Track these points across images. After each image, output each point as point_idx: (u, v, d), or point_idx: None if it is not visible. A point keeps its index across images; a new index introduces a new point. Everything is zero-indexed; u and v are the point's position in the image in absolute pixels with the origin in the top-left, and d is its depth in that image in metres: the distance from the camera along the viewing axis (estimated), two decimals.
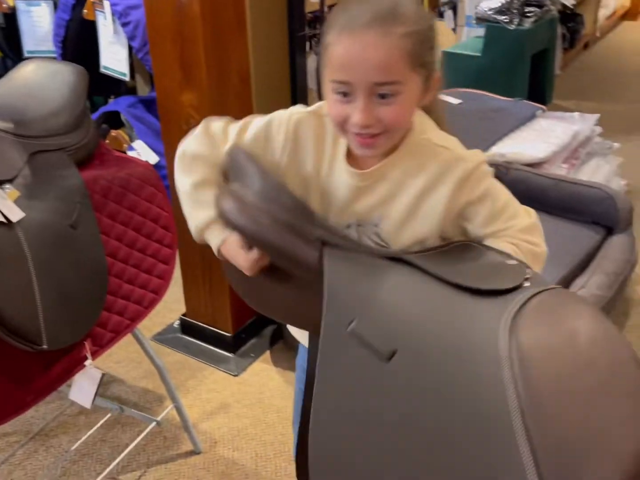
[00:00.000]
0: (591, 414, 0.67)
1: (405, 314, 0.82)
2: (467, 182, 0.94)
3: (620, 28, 6.17)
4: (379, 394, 0.78)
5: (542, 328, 0.74)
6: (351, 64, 0.85)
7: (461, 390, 0.73)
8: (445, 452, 0.72)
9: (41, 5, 2.67)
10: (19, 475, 1.74)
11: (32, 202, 1.25)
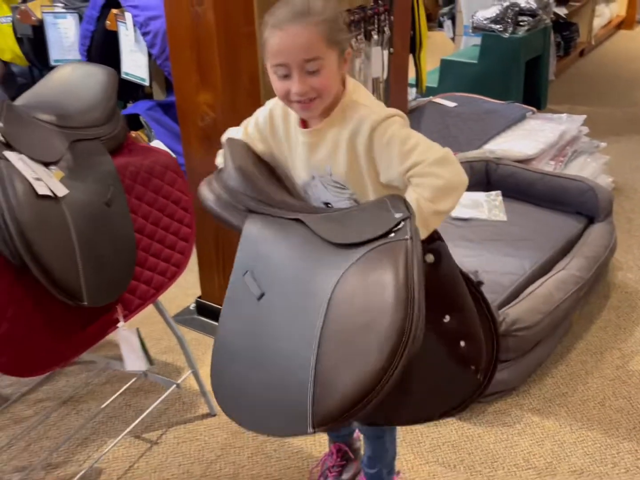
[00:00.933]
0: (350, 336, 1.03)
1: (279, 265, 1.16)
2: (375, 131, 1.18)
3: (616, 37, 6.37)
4: (252, 324, 1.15)
5: (353, 278, 1.06)
6: (285, 50, 1.14)
7: (301, 316, 1.09)
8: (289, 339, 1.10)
9: (67, 17, 2.90)
10: (54, 434, 1.95)
11: (73, 182, 1.46)
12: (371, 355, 0.99)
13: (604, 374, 2.11)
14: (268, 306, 1.15)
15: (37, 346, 1.41)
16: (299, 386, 1.04)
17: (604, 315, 2.40)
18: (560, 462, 1.80)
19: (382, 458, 1.59)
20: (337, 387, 1.01)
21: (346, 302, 1.05)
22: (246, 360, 1.15)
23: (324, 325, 1.05)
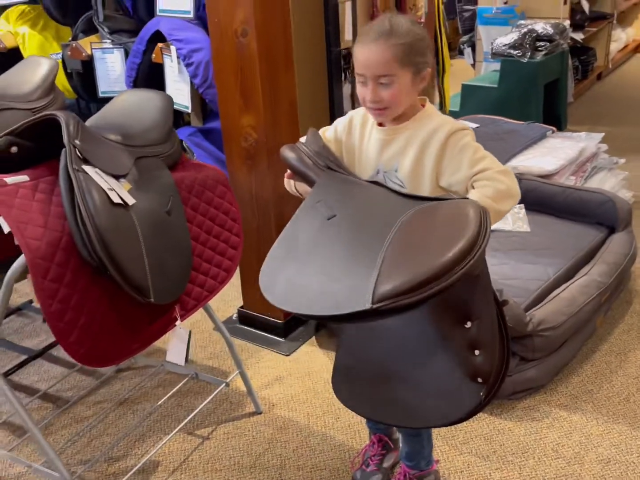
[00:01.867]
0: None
1: (349, 193, 1.33)
2: (451, 137, 1.36)
3: (633, 60, 6.51)
4: (319, 236, 1.27)
5: (426, 211, 1.24)
6: (364, 63, 1.35)
7: (369, 231, 1.24)
8: (355, 247, 1.22)
9: (114, 52, 3.13)
10: (113, 431, 2.10)
11: (139, 193, 1.64)
12: (449, 245, 1.11)
13: (627, 373, 2.22)
14: (337, 224, 1.27)
15: (110, 339, 1.57)
16: (361, 274, 1.12)
17: (627, 320, 2.51)
18: (587, 452, 1.91)
19: (420, 453, 1.71)
20: (400, 272, 1.10)
21: (419, 221, 1.21)
22: (304, 258, 1.25)
23: (394, 237, 1.17)
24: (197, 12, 2.80)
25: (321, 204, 1.32)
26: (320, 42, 2.36)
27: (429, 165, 1.38)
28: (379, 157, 1.44)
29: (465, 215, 1.17)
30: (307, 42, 2.31)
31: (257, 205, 2.32)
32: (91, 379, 2.35)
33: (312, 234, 1.29)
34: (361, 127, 1.48)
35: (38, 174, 1.57)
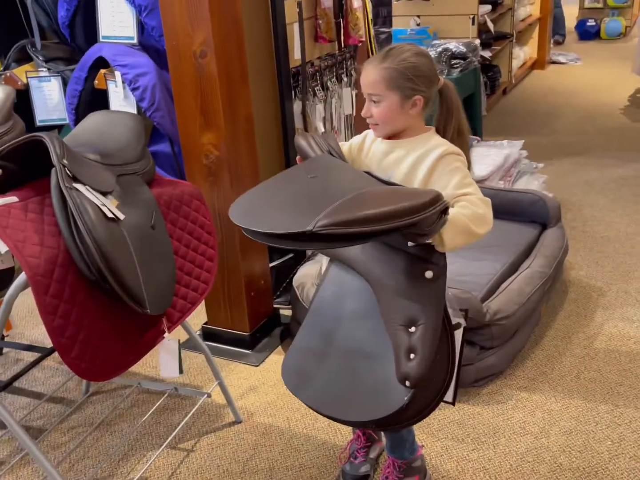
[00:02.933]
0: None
1: (335, 171, 1.45)
2: (443, 158, 1.47)
3: (531, 76, 7.01)
4: (294, 181, 1.41)
5: (384, 188, 1.39)
6: (361, 81, 1.52)
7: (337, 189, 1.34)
8: (320, 195, 1.33)
9: (51, 80, 3.10)
10: (93, 453, 2.09)
11: (126, 209, 1.67)
12: (394, 203, 1.23)
13: (574, 354, 2.42)
14: (314, 180, 1.39)
15: (108, 352, 1.59)
16: (314, 212, 1.22)
17: (566, 307, 2.73)
18: (551, 426, 2.08)
19: (402, 445, 1.80)
20: (345, 212, 1.21)
21: (380, 191, 1.35)
22: (272, 191, 1.41)
23: (354, 194, 1.27)
24: (139, 38, 2.84)
25: (308, 170, 1.44)
26: (271, 61, 2.47)
27: (419, 177, 1.49)
28: (379, 165, 1.56)
29: (424, 193, 1.28)
30: (259, 62, 2.41)
31: (220, 221, 2.38)
32: (62, 406, 2.32)
33: (289, 179, 1.45)
34: (371, 141, 1.60)
35: (24, 194, 1.58)
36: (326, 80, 2.68)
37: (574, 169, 4.28)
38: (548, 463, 1.93)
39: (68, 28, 3.04)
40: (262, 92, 2.44)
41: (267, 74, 2.46)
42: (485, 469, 1.93)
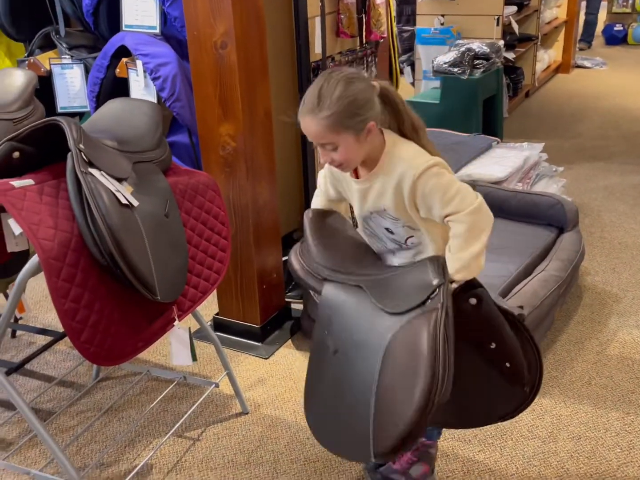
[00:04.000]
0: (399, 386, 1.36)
1: (346, 327, 1.50)
2: (416, 183, 1.45)
3: (555, 79, 6.94)
4: (332, 371, 1.51)
5: (400, 340, 1.40)
6: (305, 132, 1.44)
7: (364, 366, 1.43)
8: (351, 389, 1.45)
9: (74, 68, 3.13)
10: (101, 438, 2.10)
11: (140, 196, 1.68)
12: (411, 405, 1.32)
13: (586, 359, 2.40)
14: (341, 358, 1.49)
15: (117, 337, 1.60)
16: (363, 422, 1.38)
17: (580, 312, 2.70)
18: (560, 431, 2.06)
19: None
20: (390, 427, 1.34)
21: (395, 359, 1.38)
22: (328, 394, 1.53)
23: (380, 377, 1.38)
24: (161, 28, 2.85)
25: (326, 336, 1.54)
26: (292, 55, 2.47)
27: (407, 206, 1.49)
28: (364, 204, 1.56)
29: (419, 355, 1.34)
30: (279, 55, 2.41)
31: (235, 212, 2.38)
32: (71, 390, 2.34)
33: (329, 374, 1.53)
34: (342, 176, 1.58)
35: (41, 178, 1.59)
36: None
37: (594, 174, 4.23)
38: (555, 468, 1.92)
39: (92, 16, 3.06)
40: (282, 85, 2.44)
41: (287, 67, 2.46)
42: (491, 470, 1.92)
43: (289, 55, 2.45)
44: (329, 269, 1.57)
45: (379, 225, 1.58)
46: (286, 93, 2.49)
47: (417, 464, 1.80)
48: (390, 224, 1.56)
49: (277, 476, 1.93)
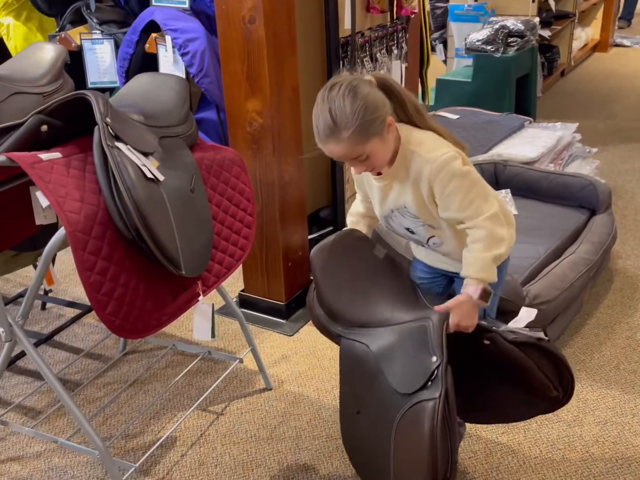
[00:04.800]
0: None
1: (366, 391, 1.51)
2: (434, 179, 1.43)
3: (592, 58, 6.77)
4: (357, 428, 1.58)
5: (405, 423, 1.40)
6: (332, 155, 1.42)
7: (382, 438, 1.46)
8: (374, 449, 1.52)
9: (104, 43, 3.14)
10: (127, 410, 2.14)
11: (166, 171, 1.68)
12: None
13: (615, 344, 2.36)
14: (363, 419, 1.53)
15: (142, 311, 1.61)
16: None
17: (610, 296, 2.65)
18: (585, 415, 2.03)
19: None
20: None
21: (402, 443, 1.40)
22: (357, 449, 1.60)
23: (393, 453, 1.41)
24: (190, 3, 2.84)
25: (350, 395, 1.58)
26: (321, 31, 2.44)
27: (427, 201, 1.48)
28: (385, 201, 1.55)
29: (423, 449, 1.35)
30: (308, 30, 2.38)
31: (261, 189, 2.38)
32: (98, 363, 2.38)
33: (355, 432, 1.59)
34: (364, 176, 1.57)
35: (68, 151, 1.60)
36: (375, 52, 2.63)
37: (629, 155, 4.13)
38: (579, 452, 1.90)
39: None
40: (310, 61, 2.42)
41: (316, 43, 2.43)
42: (514, 452, 1.90)
43: (318, 30, 2.42)
44: (341, 324, 1.58)
45: (400, 225, 1.58)
46: (314, 69, 2.46)
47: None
48: (411, 223, 1.56)
49: (299, 452, 1.94)
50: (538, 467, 1.85)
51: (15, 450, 1.98)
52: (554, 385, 1.53)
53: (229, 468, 1.89)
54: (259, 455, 1.93)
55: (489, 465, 1.86)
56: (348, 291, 1.60)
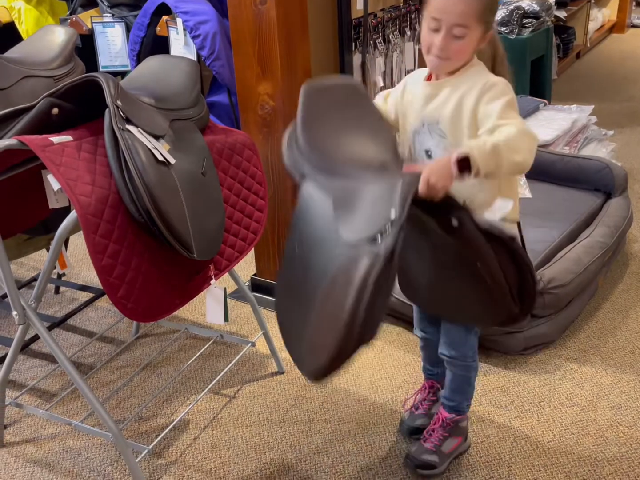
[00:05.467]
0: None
1: (309, 232, 1.40)
2: (489, 89, 1.39)
3: (609, 40, 6.67)
4: (292, 271, 1.45)
5: (341, 270, 1.28)
6: (443, 9, 1.37)
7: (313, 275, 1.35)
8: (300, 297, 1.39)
9: (115, 26, 3.13)
10: (140, 393, 2.15)
11: (177, 154, 1.67)
12: (327, 347, 1.25)
13: (630, 328, 2.33)
14: (299, 262, 1.42)
15: (153, 294, 1.61)
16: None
17: (626, 280, 2.62)
18: (600, 399, 2.02)
19: (465, 392, 1.79)
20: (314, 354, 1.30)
21: (329, 295, 1.30)
22: (288, 296, 1.47)
23: (319, 299, 1.31)
24: None
25: (296, 240, 1.46)
26: (333, 11, 2.41)
27: (466, 116, 1.43)
28: (423, 111, 1.50)
29: (345, 303, 1.23)
30: (319, 11, 2.35)
31: (272, 173, 2.36)
32: (112, 346, 2.39)
33: (289, 275, 1.48)
34: (412, 86, 1.55)
35: (79, 134, 1.60)
36: (388, 33, 2.60)
37: None
38: (593, 436, 1.88)
39: None
40: (322, 42, 2.39)
41: (328, 24, 2.40)
42: (527, 437, 1.89)
43: (330, 11, 2.39)
44: (312, 165, 1.42)
45: (422, 145, 1.53)
46: (326, 51, 2.44)
47: (448, 439, 1.79)
48: (433, 144, 1.50)
49: (311, 435, 1.94)
50: (551, 452, 1.84)
51: (30, 432, 2.00)
52: (512, 292, 1.45)
53: (241, 451, 1.90)
54: (271, 438, 1.94)
55: (502, 449, 1.85)
56: (331, 134, 1.47)
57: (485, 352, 2.22)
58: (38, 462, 1.90)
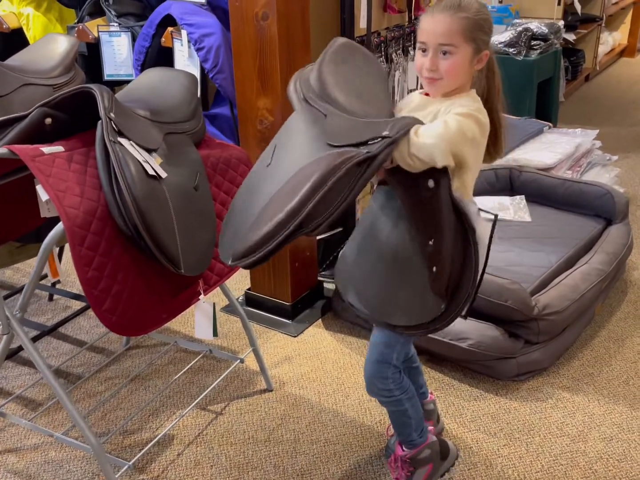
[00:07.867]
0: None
1: (289, 149, 1.39)
2: (452, 110, 1.36)
3: (619, 64, 6.66)
4: (255, 180, 1.42)
5: (310, 164, 1.28)
6: (427, 31, 1.40)
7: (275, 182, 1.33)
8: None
9: (121, 36, 3.13)
10: (126, 405, 2.13)
11: (169, 167, 1.66)
12: (272, 221, 1.22)
13: (626, 358, 2.30)
14: (268, 173, 1.40)
15: (139, 308, 1.60)
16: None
17: (623, 308, 2.59)
18: (591, 430, 1.99)
19: (407, 425, 1.71)
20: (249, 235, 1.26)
21: (294, 177, 1.28)
22: (240, 202, 1.43)
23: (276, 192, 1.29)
24: None
25: (271, 150, 1.44)
26: (336, 29, 2.41)
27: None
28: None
29: (308, 179, 1.22)
30: (322, 29, 2.35)
31: None
32: (101, 356, 2.37)
33: (250, 184, 1.44)
34: (411, 96, 1.55)
35: (71, 145, 1.59)
36: (391, 52, 2.59)
37: None
38: (582, 468, 1.85)
39: None
40: None
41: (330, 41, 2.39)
42: (514, 466, 1.86)
43: (333, 29, 2.39)
44: (316, 94, 1.43)
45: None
46: None
47: (416, 472, 1.76)
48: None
49: (296, 456, 1.91)
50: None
51: (13, 442, 1.99)
52: (448, 287, 1.43)
53: (224, 469, 1.88)
54: (255, 457, 1.91)
55: (489, 478, 1.82)
56: (343, 77, 1.47)
57: (477, 377, 2.20)
58: (19, 473, 1.88)
